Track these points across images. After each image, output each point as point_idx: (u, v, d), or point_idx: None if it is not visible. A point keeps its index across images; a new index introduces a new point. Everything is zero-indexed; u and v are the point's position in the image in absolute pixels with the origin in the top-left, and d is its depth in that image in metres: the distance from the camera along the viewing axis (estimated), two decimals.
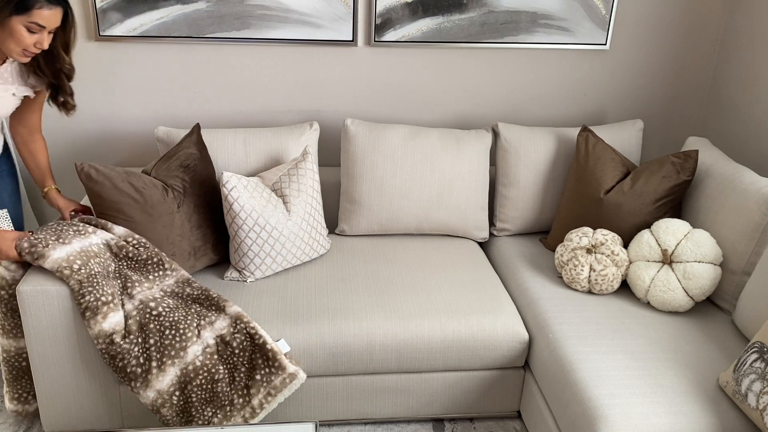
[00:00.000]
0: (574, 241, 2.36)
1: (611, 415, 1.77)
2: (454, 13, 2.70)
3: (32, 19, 1.82)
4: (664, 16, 2.85)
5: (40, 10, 1.82)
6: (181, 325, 2.02)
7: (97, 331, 1.95)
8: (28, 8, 1.80)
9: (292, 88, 2.80)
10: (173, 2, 2.57)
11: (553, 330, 2.13)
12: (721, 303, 2.26)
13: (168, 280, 2.15)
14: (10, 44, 1.86)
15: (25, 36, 1.84)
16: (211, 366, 2.02)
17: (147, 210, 2.21)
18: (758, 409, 1.71)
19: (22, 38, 1.84)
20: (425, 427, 2.36)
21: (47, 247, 2.00)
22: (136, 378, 1.97)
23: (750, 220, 2.15)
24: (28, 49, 1.87)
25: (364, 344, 2.13)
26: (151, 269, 2.13)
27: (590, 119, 3.01)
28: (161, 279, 2.14)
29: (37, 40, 1.87)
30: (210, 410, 2.02)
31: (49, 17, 1.85)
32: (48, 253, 1.99)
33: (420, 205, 2.59)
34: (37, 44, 1.87)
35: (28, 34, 1.84)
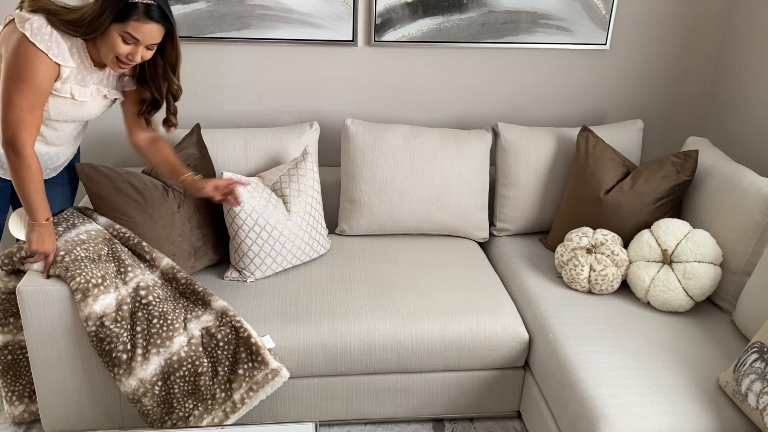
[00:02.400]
0: (574, 241, 2.36)
1: (611, 415, 1.77)
2: (454, 13, 2.70)
3: (128, 29, 1.81)
4: (664, 16, 2.85)
5: (138, 22, 1.81)
6: (169, 316, 2.03)
7: (88, 312, 1.96)
8: (127, 18, 1.80)
9: (292, 88, 2.80)
10: (173, 2, 2.57)
11: (553, 330, 2.13)
12: (721, 303, 2.26)
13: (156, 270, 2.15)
14: (105, 50, 1.86)
15: (119, 44, 1.84)
16: (195, 358, 2.03)
17: (147, 210, 2.21)
18: (758, 409, 1.71)
19: (116, 46, 1.84)
20: (425, 427, 2.36)
21: None
22: (120, 364, 1.98)
23: (750, 220, 2.15)
24: (120, 58, 1.87)
25: (364, 344, 2.13)
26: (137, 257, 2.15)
27: (590, 119, 3.01)
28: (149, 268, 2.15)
29: (130, 51, 1.86)
30: (191, 403, 2.03)
31: (145, 31, 1.83)
32: None
33: (420, 205, 2.59)
34: (129, 56, 1.87)
35: (123, 43, 1.84)
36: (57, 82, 1.89)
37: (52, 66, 1.85)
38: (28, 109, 1.85)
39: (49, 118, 1.96)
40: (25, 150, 1.87)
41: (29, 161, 1.89)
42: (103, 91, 2.03)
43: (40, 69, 1.83)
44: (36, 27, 1.81)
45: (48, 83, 1.86)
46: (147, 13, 1.82)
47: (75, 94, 1.94)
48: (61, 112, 1.96)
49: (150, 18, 1.83)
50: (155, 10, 1.84)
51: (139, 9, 1.81)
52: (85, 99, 1.98)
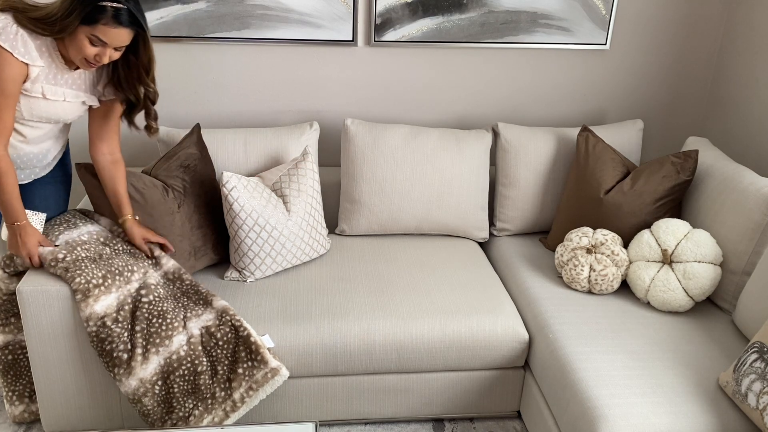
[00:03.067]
0: (574, 241, 2.36)
1: (611, 415, 1.77)
2: (454, 13, 2.70)
3: (95, 32, 1.79)
4: (664, 16, 2.85)
5: (105, 26, 1.79)
6: (168, 315, 2.03)
7: (89, 313, 1.96)
8: (94, 21, 1.78)
9: (292, 88, 2.80)
10: (173, 2, 2.57)
11: (553, 330, 2.13)
12: (721, 303, 2.26)
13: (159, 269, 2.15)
14: (73, 51, 1.84)
15: (86, 46, 1.81)
16: (195, 357, 2.03)
17: (147, 210, 2.21)
18: (758, 409, 1.71)
19: (84, 48, 1.82)
20: (425, 427, 2.36)
21: None
22: (120, 364, 1.98)
23: (750, 220, 2.15)
24: (88, 59, 1.85)
25: (364, 344, 2.13)
26: (140, 257, 2.15)
27: (590, 119, 3.01)
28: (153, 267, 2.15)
29: (97, 53, 1.84)
30: (191, 402, 2.03)
31: (113, 35, 1.81)
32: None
33: (420, 205, 2.59)
34: (97, 57, 1.85)
35: (90, 45, 1.82)
36: (27, 83, 1.87)
37: (17, 66, 1.81)
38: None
39: (23, 118, 1.94)
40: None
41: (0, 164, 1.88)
42: (81, 97, 2.00)
43: (5, 70, 1.80)
44: (1, 26, 1.78)
45: (14, 84, 1.83)
46: (116, 17, 1.79)
47: (46, 93, 1.92)
48: (35, 112, 1.94)
49: (118, 23, 1.80)
50: (124, 14, 1.80)
51: (107, 13, 1.78)
52: (58, 98, 1.95)
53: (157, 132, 2.15)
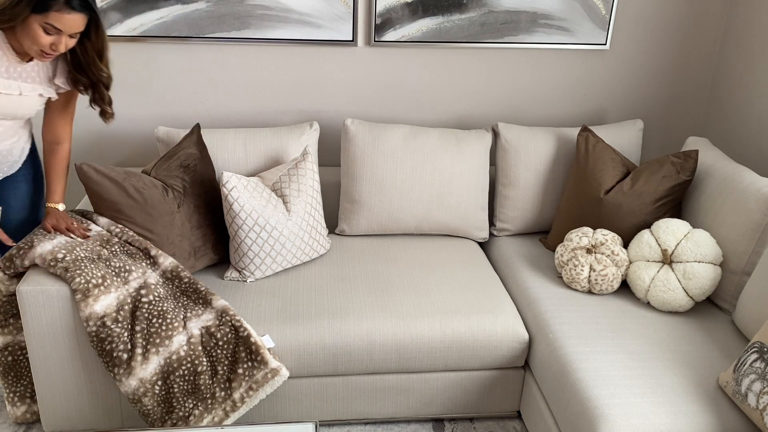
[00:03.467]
0: (574, 241, 2.36)
1: (611, 415, 1.77)
2: (454, 13, 2.70)
3: (48, 20, 1.77)
4: (664, 16, 2.85)
5: (58, 13, 1.77)
6: (168, 315, 2.03)
7: (88, 313, 1.96)
8: (46, 9, 1.76)
9: (292, 88, 2.80)
10: (173, 2, 2.57)
11: (553, 330, 2.13)
12: (721, 303, 2.26)
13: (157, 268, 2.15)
14: (27, 42, 1.82)
15: (41, 36, 1.79)
16: (195, 357, 2.03)
17: (147, 210, 2.21)
18: (758, 409, 1.71)
19: (38, 38, 1.80)
20: (425, 427, 2.36)
21: (32, 247, 2.03)
22: (120, 364, 1.98)
23: (750, 220, 2.15)
24: (44, 49, 1.83)
25: (364, 344, 2.13)
26: (138, 257, 2.14)
27: (590, 119, 3.01)
28: (152, 267, 2.14)
29: (53, 41, 1.82)
30: (191, 402, 2.03)
31: (67, 21, 1.79)
32: (32, 252, 2.02)
33: (420, 205, 2.59)
34: (53, 46, 1.83)
35: (45, 34, 1.79)
36: None
37: None
38: None
39: None
40: None
41: None
42: (38, 89, 1.99)
43: None
44: None
45: None
46: (68, 2, 1.77)
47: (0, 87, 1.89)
48: None
49: (71, 8, 1.78)
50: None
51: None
52: (13, 92, 1.92)
53: (112, 117, 2.14)
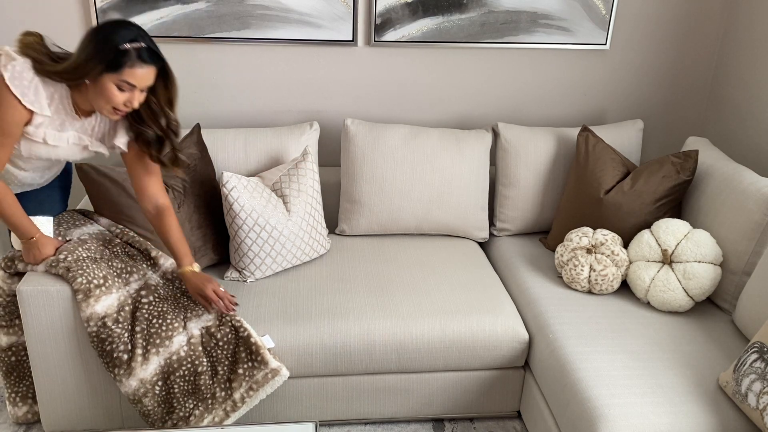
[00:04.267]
0: (574, 241, 2.36)
1: (611, 415, 1.77)
2: (454, 13, 2.70)
3: (123, 77, 1.76)
4: (664, 16, 2.85)
5: (132, 69, 1.76)
6: (169, 315, 2.03)
7: (89, 313, 1.96)
8: (120, 66, 1.74)
9: (292, 88, 2.80)
10: (173, 2, 2.57)
11: (553, 330, 2.13)
12: (721, 303, 2.26)
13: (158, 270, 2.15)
14: (100, 101, 1.80)
15: (115, 94, 1.78)
16: (195, 358, 2.03)
17: None
18: (758, 409, 1.71)
19: (113, 96, 1.78)
20: (425, 427, 2.36)
21: None
22: (120, 365, 1.98)
23: (750, 220, 2.15)
24: (117, 107, 1.81)
25: (364, 344, 2.13)
26: (139, 259, 2.14)
27: (590, 119, 3.01)
28: (152, 268, 2.14)
29: (127, 98, 1.80)
30: (192, 402, 2.03)
31: (141, 76, 1.78)
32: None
33: (420, 205, 2.59)
34: (127, 103, 1.81)
35: (119, 92, 1.78)
36: (29, 127, 1.84)
37: (22, 112, 1.79)
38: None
39: (21, 155, 1.92)
40: None
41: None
42: (84, 140, 1.96)
43: (9, 113, 1.78)
44: (18, 71, 1.77)
45: (16, 127, 1.81)
46: (140, 57, 1.76)
47: (48, 139, 1.89)
48: (33, 152, 1.92)
49: (143, 61, 1.77)
50: (147, 52, 1.78)
51: (131, 55, 1.75)
52: (60, 144, 1.92)
53: (187, 166, 2.08)
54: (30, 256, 2.01)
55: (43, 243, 2.00)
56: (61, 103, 1.87)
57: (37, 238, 1.99)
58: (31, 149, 1.91)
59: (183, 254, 2.05)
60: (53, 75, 1.79)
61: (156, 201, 2.07)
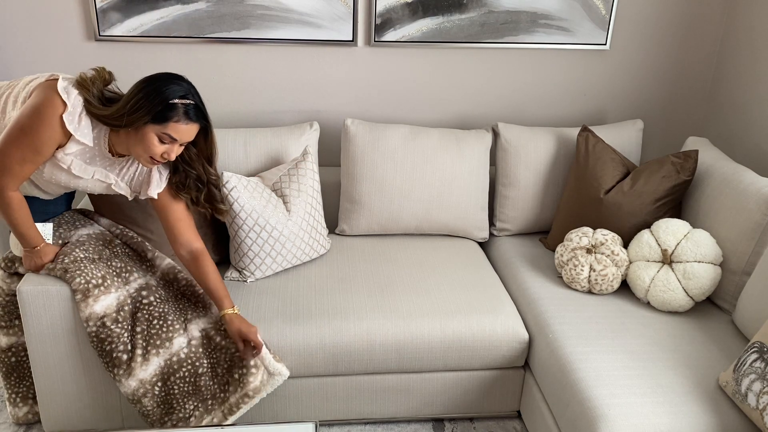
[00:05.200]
0: (574, 241, 2.36)
1: (611, 415, 1.77)
2: (454, 13, 2.70)
3: (167, 130, 1.78)
4: (664, 16, 2.85)
5: (177, 124, 1.78)
6: (169, 317, 2.03)
7: (88, 313, 1.96)
8: (166, 120, 1.77)
9: (292, 88, 2.80)
10: (173, 2, 2.57)
11: (553, 330, 2.13)
12: (721, 303, 2.26)
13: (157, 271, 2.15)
14: (138, 149, 1.82)
15: (155, 144, 1.79)
16: (196, 359, 2.03)
17: (147, 210, 2.21)
18: (758, 409, 1.71)
19: (152, 146, 1.79)
20: (425, 427, 2.36)
21: None
22: (120, 365, 1.98)
23: (750, 220, 2.15)
24: (154, 157, 1.83)
25: (364, 344, 2.13)
26: (137, 259, 2.14)
27: (590, 119, 3.01)
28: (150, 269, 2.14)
29: (166, 150, 1.82)
30: (192, 403, 2.03)
31: (184, 131, 1.81)
32: None
33: (420, 205, 2.59)
34: (164, 154, 1.83)
35: (159, 143, 1.80)
36: (60, 152, 1.84)
37: (59, 133, 1.80)
38: (19, 161, 1.81)
39: (42, 176, 1.92)
40: (6, 192, 1.86)
41: (8, 201, 1.88)
42: (110, 179, 1.97)
43: (48, 131, 1.78)
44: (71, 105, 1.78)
45: (48, 148, 1.82)
46: (187, 114, 1.79)
47: (74, 168, 1.89)
48: (54, 177, 1.93)
49: (189, 119, 1.80)
50: (194, 110, 1.80)
51: (179, 110, 1.77)
52: (84, 176, 1.93)
53: (227, 213, 2.13)
54: (31, 264, 2.02)
55: (44, 252, 2.01)
56: (98, 139, 1.87)
57: (41, 247, 2.00)
58: (53, 173, 1.91)
59: (223, 296, 2.04)
60: (99, 117, 1.80)
61: (190, 246, 2.07)
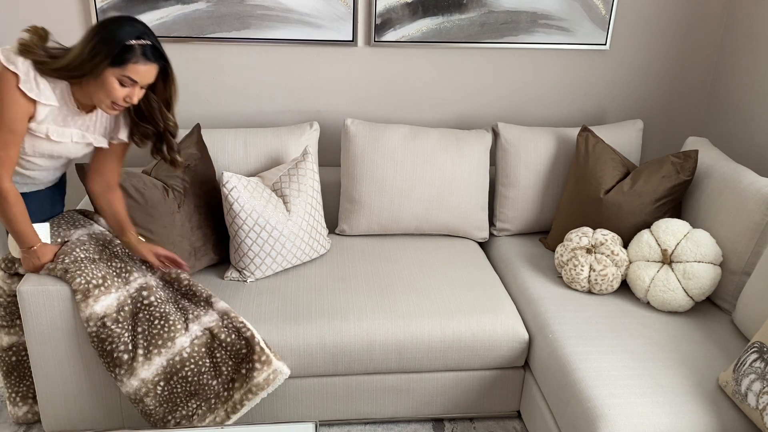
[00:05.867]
0: (574, 241, 2.36)
1: (611, 415, 1.77)
2: (454, 13, 2.70)
3: (126, 72, 1.78)
4: (664, 16, 2.85)
5: (136, 65, 1.78)
6: (171, 317, 2.03)
7: (89, 313, 1.96)
8: (124, 62, 1.77)
9: (292, 88, 2.80)
10: (173, 2, 2.57)
11: (553, 330, 2.13)
12: (721, 303, 2.26)
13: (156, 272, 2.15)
14: (100, 95, 1.82)
15: (116, 89, 1.80)
16: (198, 358, 2.03)
17: (147, 210, 2.21)
18: (758, 408, 1.71)
19: (113, 90, 1.80)
20: (425, 427, 2.36)
21: None
22: (121, 365, 1.98)
23: (750, 220, 2.15)
24: (117, 102, 1.83)
25: (364, 344, 2.13)
26: (137, 260, 2.14)
27: (590, 119, 3.01)
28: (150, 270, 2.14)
29: (127, 94, 1.82)
30: (194, 402, 2.03)
31: (143, 73, 1.81)
32: None
33: (420, 205, 2.59)
34: (126, 98, 1.83)
35: (120, 87, 1.80)
36: (33, 123, 1.85)
37: (25, 105, 1.80)
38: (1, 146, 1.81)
39: (26, 153, 1.93)
40: (2, 185, 1.86)
41: (5, 194, 1.88)
42: (88, 138, 1.98)
43: (12, 108, 1.79)
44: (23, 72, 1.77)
45: (21, 123, 1.82)
46: (144, 54, 1.79)
47: (51, 134, 1.89)
48: (37, 150, 1.93)
49: (148, 59, 1.80)
50: (151, 50, 1.81)
51: (136, 51, 1.78)
52: (63, 140, 1.93)
53: (183, 165, 2.13)
54: (29, 265, 2.02)
55: (42, 252, 2.01)
56: (63, 98, 1.87)
57: (37, 247, 2.00)
58: (34, 146, 1.91)
59: (127, 223, 2.10)
60: (55, 72, 1.80)
61: (109, 181, 2.11)
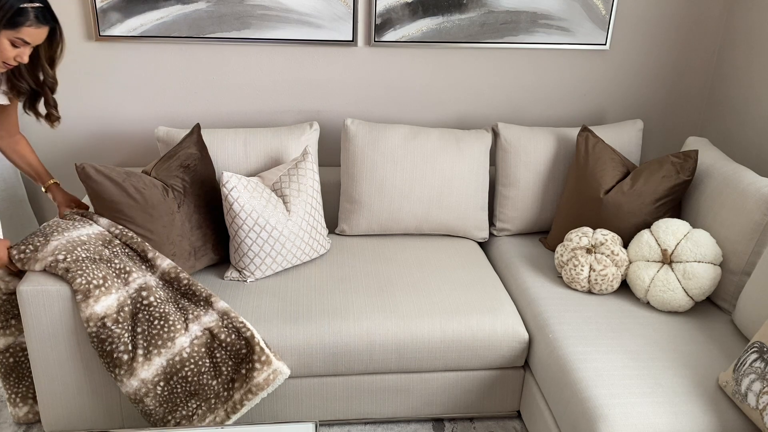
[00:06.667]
0: (574, 241, 2.36)
1: (611, 415, 1.77)
2: (454, 13, 2.70)
3: (20, 35, 1.84)
4: (664, 16, 2.85)
5: (29, 28, 1.84)
6: (171, 317, 2.03)
7: (89, 314, 1.96)
8: (18, 24, 1.82)
9: (292, 88, 2.80)
10: (173, 2, 2.57)
11: (553, 330, 2.13)
12: (721, 303, 2.27)
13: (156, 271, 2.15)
14: None
15: (7, 49, 1.85)
16: (198, 358, 2.03)
17: (147, 210, 2.21)
18: (758, 409, 1.71)
19: (5, 51, 1.85)
20: (425, 427, 2.36)
21: (36, 250, 2.02)
22: (121, 365, 1.98)
23: (750, 220, 2.15)
24: (7, 61, 1.89)
25: (364, 344, 2.14)
26: (137, 260, 2.14)
27: (590, 119, 3.01)
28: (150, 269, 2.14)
29: (18, 53, 1.88)
30: (194, 402, 2.04)
31: (36, 35, 1.87)
32: (37, 256, 2.01)
33: (420, 205, 2.59)
34: (17, 57, 1.89)
35: (11, 47, 1.86)
36: None
37: None
38: None
39: None
40: None
41: None
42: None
43: None
44: None
45: None
46: (37, 17, 1.84)
47: None
48: None
49: (40, 22, 1.86)
50: (44, 12, 1.86)
51: (29, 14, 1.82)
52: None
53: (58, 120, 2.17)
54: None
55: None
56: None
57: None
58: None
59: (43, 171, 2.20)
60: None
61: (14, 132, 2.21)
